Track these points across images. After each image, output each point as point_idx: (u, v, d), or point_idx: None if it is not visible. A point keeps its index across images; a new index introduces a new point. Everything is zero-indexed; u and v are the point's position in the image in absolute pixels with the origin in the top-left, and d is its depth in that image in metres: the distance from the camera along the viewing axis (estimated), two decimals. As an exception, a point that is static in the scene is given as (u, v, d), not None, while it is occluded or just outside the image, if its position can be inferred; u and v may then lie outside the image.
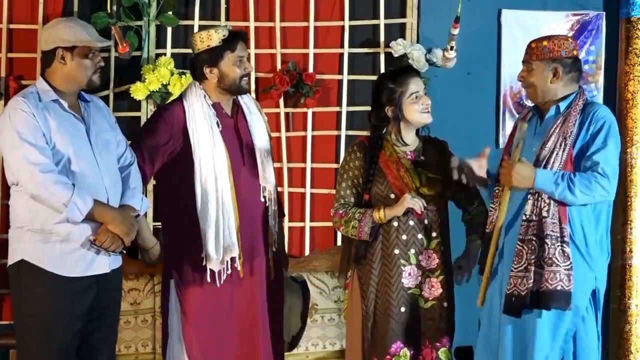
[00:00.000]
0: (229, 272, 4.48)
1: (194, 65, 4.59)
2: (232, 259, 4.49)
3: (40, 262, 4.11)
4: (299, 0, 5.86)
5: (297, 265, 5.55)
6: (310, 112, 5.84)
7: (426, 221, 4.50)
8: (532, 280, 4.16)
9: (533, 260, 4.18)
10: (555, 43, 4.32)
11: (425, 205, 4.43)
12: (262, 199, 4.60)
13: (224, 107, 4.60)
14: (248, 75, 4.61)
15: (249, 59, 4.85)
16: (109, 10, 5.55)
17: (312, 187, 5.84)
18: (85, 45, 4.20)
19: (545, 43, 4.33)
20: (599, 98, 6.03)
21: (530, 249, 4.20)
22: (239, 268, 4.50)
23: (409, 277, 4.48)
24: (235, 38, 4.54)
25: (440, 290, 4.50)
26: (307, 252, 5.80)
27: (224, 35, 4.51)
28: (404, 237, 4.47)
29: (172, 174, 4.52)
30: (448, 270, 4.54)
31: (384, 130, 4.56)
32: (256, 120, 4.66)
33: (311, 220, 5.83)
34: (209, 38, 4.50)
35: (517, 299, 4.18)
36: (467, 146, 5.85)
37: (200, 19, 5.76)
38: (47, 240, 4.10)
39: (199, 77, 4.57)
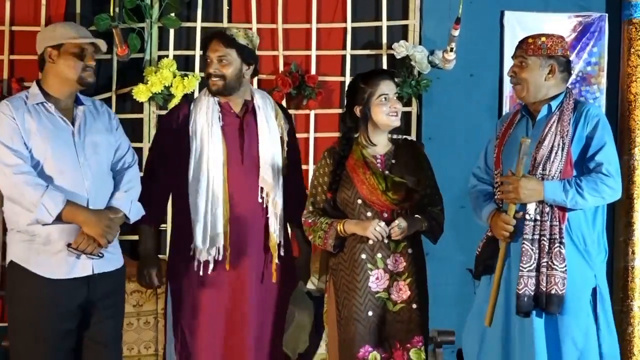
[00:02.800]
0: (217, 258, 4.50)
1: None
2: (219, 251, 4.51)
3: (26, 263, 4.15)
4: (301, 2, 5.86)
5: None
6: (312, 114, 5.84)
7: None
8: (543, 281, 4.19)
9: (544, 261, 4.19)
10: (553, 40, 4.32)
11: (388, 234, 4.39)
12: (260, 200, 4.59)
13: (233, 106, 4.61)
14: (211, 76, 4.55)
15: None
16: (111, 13, 5.55)
17: (314, 189, 5.83)
18: (70, 42, 4.22)
19: (543, 39, 4.32)
20: (602, 100, 6.02)
21: (538, 249, 4.20)
22: (221, 258, 4.51)
23: (376, 281, 4.45)
24: (203, 43, 4.65)
25: (409, 293, 4.47)
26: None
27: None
28: (371, 241, 4.44)
29: (168, 166, 4.57)
30: (417, 272, 4.50)
31: (355, 132, 4.54)
32: (266, 123, 4.64)
33: (314, 222, 5.82)
34: None
35: (529, 299, 4.19)
36: (468, 148, 5.86)
37: (203, 20, 5.77)
38: (31, 241, 4.13)
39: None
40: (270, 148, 4.61)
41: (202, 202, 4.49)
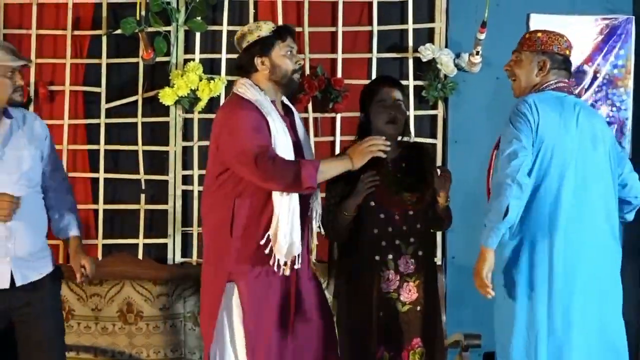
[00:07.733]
0: (297, 266, 4.31)
1: (243, 59, 4.40)
2: (296, 260, 4.30)
3: None
4: (327, 6, 5.85)
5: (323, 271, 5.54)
6: (338, 117, 5.84)
7: (404, 227, 4.53)
8: None
9: None
10: (549, 37, 4.23)
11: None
12: (310, 201, 4.44)
13: (277, 105, 4.43)
14: (300, 70, 4.43)
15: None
16: (137, 16, 5.57)
17: (340, 192, 5.82)
18: (1, 65, 4.33)
19: (539, 35, 4.25)
20: (629, 102, 5.99)
21: None
22: (297, 266, 4.31)
23: (387, 282, 4.52)
24: (284, 30, 4.42)
25: (417, 295, 4.55)
26: (334, 258, 5.79)
27: (273, 27, 4.40)
28: (383, 243, 4.52)
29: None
30: (426, 275, 4.57)
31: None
32: (301, 122, 4.56)
33: (340, 225, 5.81)
34: (259, 29, 4.36)
35: None
36: (496, 151, 5.82)
37: (229, 24, 5.77)
38: None
39: (249, 70, 4.38)
40: (310, 148, 4.57)
41: (285, 210, 4.24)
